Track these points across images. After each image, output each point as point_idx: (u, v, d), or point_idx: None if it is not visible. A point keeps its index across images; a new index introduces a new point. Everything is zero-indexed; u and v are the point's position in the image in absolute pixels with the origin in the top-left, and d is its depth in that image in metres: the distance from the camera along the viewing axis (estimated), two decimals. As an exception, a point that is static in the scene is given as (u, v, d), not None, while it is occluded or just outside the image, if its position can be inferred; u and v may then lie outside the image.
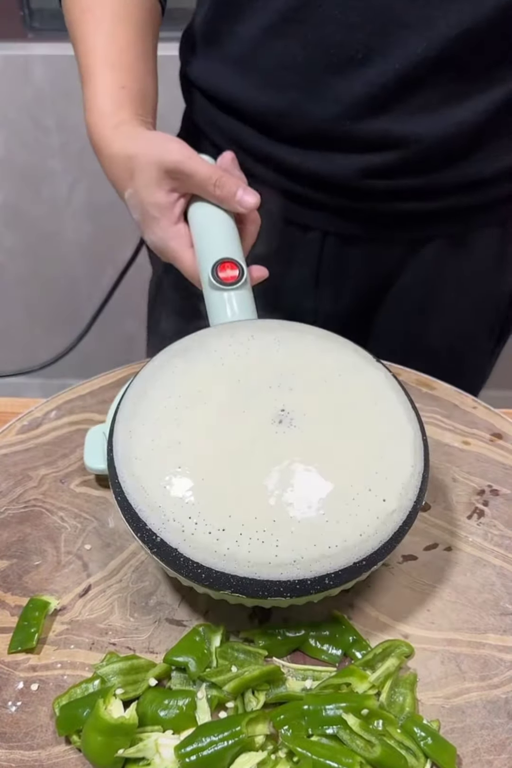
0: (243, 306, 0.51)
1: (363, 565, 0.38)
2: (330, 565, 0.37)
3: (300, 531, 0.37)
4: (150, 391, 0.43)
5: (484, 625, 0.43)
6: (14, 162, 1.48)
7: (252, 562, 0.36)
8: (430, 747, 0.36)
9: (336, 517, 0.37)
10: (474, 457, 0.55)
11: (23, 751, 0.36)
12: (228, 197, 0.53)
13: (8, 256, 1.63)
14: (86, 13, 0.58)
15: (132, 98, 0.57)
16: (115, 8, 0.58)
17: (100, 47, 0.57)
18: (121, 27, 0.58)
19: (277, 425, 0.41)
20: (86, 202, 1.50)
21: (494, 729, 0.38)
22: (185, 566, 0.37)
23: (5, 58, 1.36)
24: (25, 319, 1.74)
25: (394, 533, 0.39)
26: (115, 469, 0.41)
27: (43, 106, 1.41)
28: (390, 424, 0.42)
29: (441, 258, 0.68)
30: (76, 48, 0.60)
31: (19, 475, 0.52)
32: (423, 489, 0.41)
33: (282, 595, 0.37)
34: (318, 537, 0.37)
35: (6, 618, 0.43)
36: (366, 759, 0.35)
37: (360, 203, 0.64)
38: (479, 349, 0.78)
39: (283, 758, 0.35)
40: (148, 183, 0.53)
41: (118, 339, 1.66)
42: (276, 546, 0.37)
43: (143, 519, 0.38)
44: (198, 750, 0.34)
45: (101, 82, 0.56)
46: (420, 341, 0.74)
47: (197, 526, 0.37)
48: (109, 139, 0.55)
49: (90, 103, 0.57)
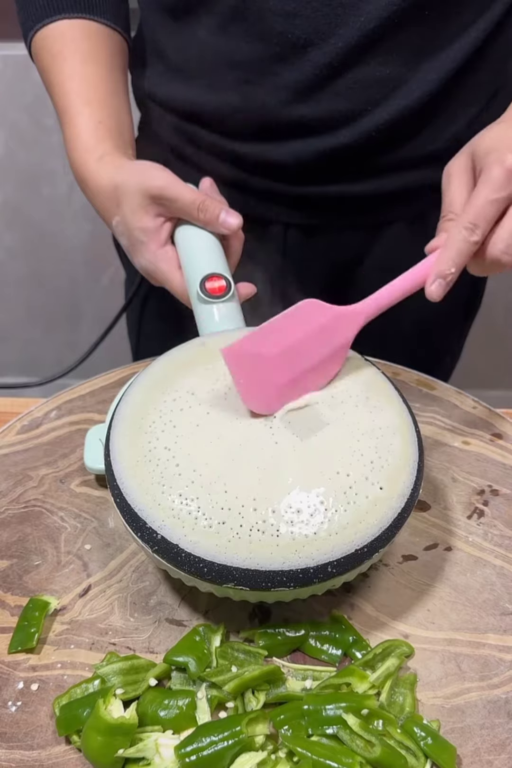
0: (231, 316, 0.53)
1: (365, 552, 0.38)
2: (332, 552, 0.37)
3: (299, 520, 0.37)
4: (146, 397, 0.44)
5: (484, 625, 0.43)
6: (14, 162, 1.48)
7: (253, 553, 0.37)
8: (430, 747, 0.36)
9: (335, 505, 0.38)
10: (474, 457, 0.55)
11: (23, 751, 0.36)
12: (211, 220, 0.56)
13: (8, 256, 1.62)
14: (57, 57, 0.60)
15: (110, 131, 0.59)
16: (83, 50, 0.60)
17: (75, 87, 0.60)
18: (91, 66, 0.60)
19: (272, 421, 0.42)
20: (86, 202, 1.50)
21: (494, 729, 0.38)
22: (187, 562, 0.37)
23: (5, 58, 1.36)
24: (25, 319, 1.74)
25: (394, 520, 0.39)
26: (113, 472, 0.41)
27: (43, 106, 1.40)
28: (384, 417, 0.43)
29: (401, 240, 0.69)
30: (52, 92, 0.62)
31: (19, 475, 0.52)
32: (419, 477, 0.41)
33: (285, 585, 0.37)
34: (318, 526, 0.37)
35: (6, 618, 0.43)
36: (366, 759, 0.35)
37: (319, 189, 0.65)
38: (448, 327, 0.79)
39: (283, 758, 0.35)
40: (135, 209, 0.55)
41: (118, 339, 1.66)
42: (276, 536, 0.37)
43: (143, 518, 0.38)
44: (198, 750, 0.34)
45: (80, 120, 0.59)
46: (388, 327, 0.74)
47: (197, 521, 0.37)
48: (95, 172, 0.58)
49: (72, 142, 0.60)
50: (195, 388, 0.44)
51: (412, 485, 0.40)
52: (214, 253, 0.56)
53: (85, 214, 1.52)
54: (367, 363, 0.48)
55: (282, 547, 0.37)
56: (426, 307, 0.75)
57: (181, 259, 0.56)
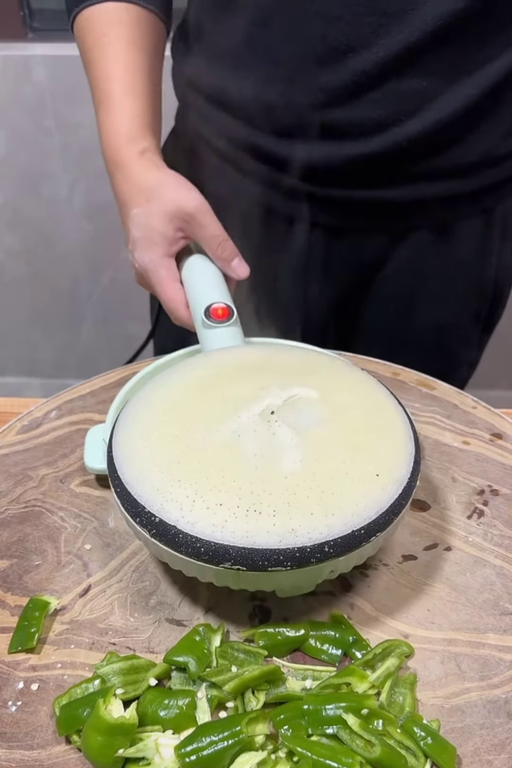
0: (234, 338, 0.55)
1: (362, 534, 0.38)
2: (329, 532, 0.38)
3: (296, 502, 0.38)
4: (148, 397, 0.46)
5: (484, 625, 0.43)
6: (14, 162, 1.48)
7: (250, 532, 0.37)
8: (430, 747, 0.36)
9: (331, 488, 0.39)
10: (474, 457, 0.55)
11: (23, 751, 0.36)
12: (226, 260, 0.59)
13: (8, 256, 1.63)
14: (100, 39, 0.61)
15: (150, 126, 0.61)
16: (127, 35, 0.61)
17: (118, 73, 0.61)
18: (135, 53, 0.61)
19: (269, 415, 0.43)
20: (86, 202, 1.50)
21: (494, 729, 0.38)
22: (184, 543, 0.38)
23: (5, 58, 1.36)
24: (25, 319, 1.74)
25: (391, 505, 0.40)
26: (114, 465, 0.42)
27: (43, 106, 1.41)
28: (379, 412, 0.45)
29: (425, 247, 0.69)
30: (92, 73, 0.63)
31: (19, 475, 0.52)
32: (415, 468, 0.42)
33: (282, 565, 0.37)
34: (315, 507, 0.38)
35: (6, 618, 0.43)
36: (366, 759, 0.35)
37: (346, 193, 0.66)
38: (466, 338, 0.79)
39: (283, 758, 0.35)
40: (163, 214, 0.58)
41: (118, 339, 1.67)
42: (273, 515, 0.37)
43: (141, 503, 0.39)
44: (198, 750, 0.34)
45: (121, 108, 0.60)
46: (406, 332, 0.75)
47: (194, 503, 0.38)
48: (136, 164, 0.59)
49: (111, 127, 0.61)
50: (194, 389, 0.46)
51: (409, 474, 0.41)
52: (218, 282, 0.59)
53: (85, 214, 1.52)
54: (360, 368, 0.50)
55: (279, 526, 0.37)
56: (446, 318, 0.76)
57: (186, 284, 0.59)
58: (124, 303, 1.63)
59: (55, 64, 1.36)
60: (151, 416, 0.44)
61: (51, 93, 1.38)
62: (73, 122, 1.39)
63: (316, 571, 0.39)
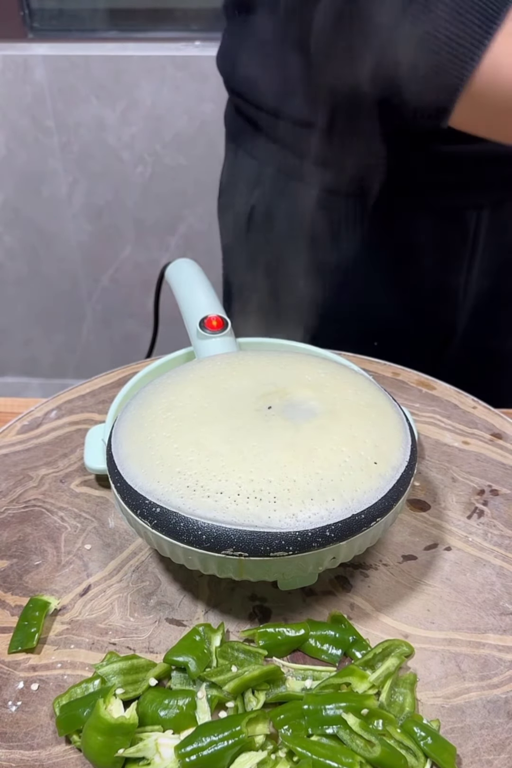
0: (229, 347, 0.55)
1: (363, 519, 0.39)
2: (329, 516, 0.38)
3: (295, 488, 0.39)
4: (148, 397, 0.46)
5: (484, 624, 0.43)
6: (14, 162, 1.48)
7: (251, 518, 0.38)
8: (430, 747, 0.36)
9: (330, 476, 0.39)
10: (474, 457, 0.55)
11: (23, 751, 0.36)
12: None
13: (8, 256, 1.63)
14: None
15: None
16: None
17: None
18: None
19: (266, 410, 0.44)
20: (86, 202, 1.50)
21: (494, 729, 0.38)
22: (185, 531, 0.38)
23: (5, 58, 1.36)
24: (25, 319, 1.74)
25: (389, 491, 0.40)
26: (114, 461, 0.43)
27: (43, 106, 1.41)
28: (374, 405, 0.45)
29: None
30: None
31: (19, 475, 0.53)
32: (412, 456, 0.43)
33: (284, 549, 0.37)
34: (314, 493, 0.38)
35: (6, 618, 0.43)
36: (366, 759, 0.35)
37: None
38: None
39: (283, 758, 0.35)
40: None
41: (118, 339, 1.67)
42: (274, 501, 0.38)
43: (142, 494, 0.40)
44: (198, 750, 0.34)
45: None
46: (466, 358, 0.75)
47: (195, 492, 0.39)
48: None
49: None
50: (193, 389, 0.46)
51: (406, 461, 0.42)
52: (209, 293, 0.60)
53: (85, 214, 1.52)
54: (356, 370, 0.51)
55: (280, 511, 0.38)
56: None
57: (178, 298, 0.60)
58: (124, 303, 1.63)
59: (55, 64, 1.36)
60: (150, 414, 0.44)
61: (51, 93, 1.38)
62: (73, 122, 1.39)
63: (318, 557, 0.39)
